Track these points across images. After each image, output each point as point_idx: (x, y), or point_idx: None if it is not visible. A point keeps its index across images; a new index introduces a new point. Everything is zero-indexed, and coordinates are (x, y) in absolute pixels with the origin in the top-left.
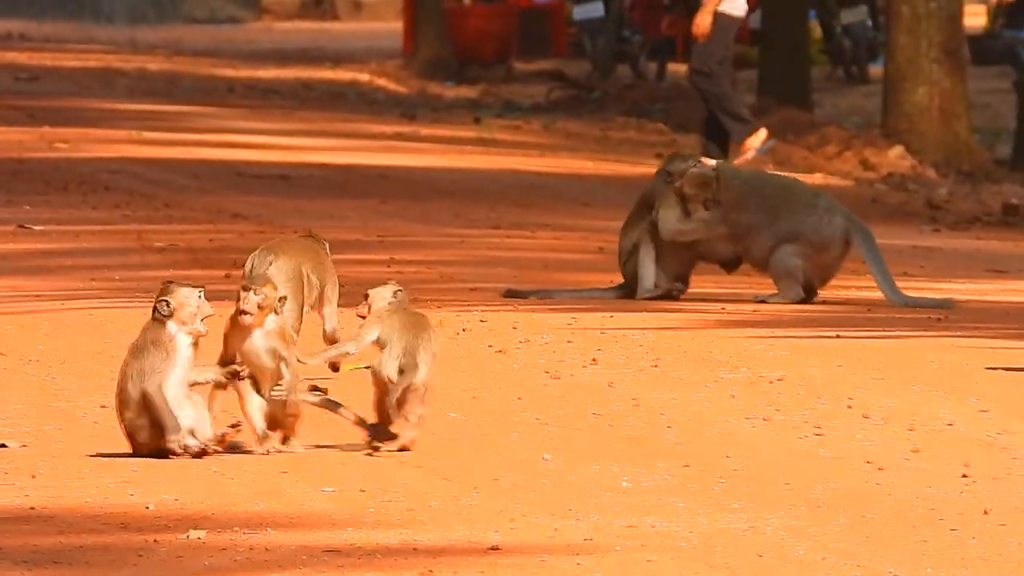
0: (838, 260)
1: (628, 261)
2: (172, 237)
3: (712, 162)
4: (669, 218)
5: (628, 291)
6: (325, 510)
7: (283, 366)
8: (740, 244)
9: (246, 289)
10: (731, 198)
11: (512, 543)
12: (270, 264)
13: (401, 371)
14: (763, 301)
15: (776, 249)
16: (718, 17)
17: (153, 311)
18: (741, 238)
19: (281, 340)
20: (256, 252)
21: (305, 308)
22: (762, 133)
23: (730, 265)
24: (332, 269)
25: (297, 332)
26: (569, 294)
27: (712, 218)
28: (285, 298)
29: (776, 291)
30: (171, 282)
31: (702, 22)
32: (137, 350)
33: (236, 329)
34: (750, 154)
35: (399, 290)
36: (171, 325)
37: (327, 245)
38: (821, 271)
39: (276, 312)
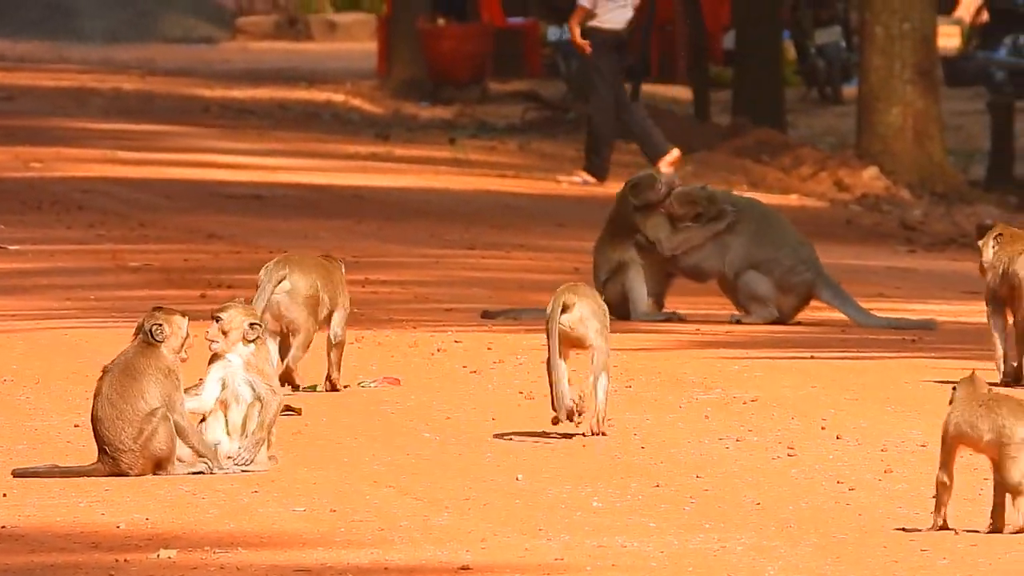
0: (796, 308)
1: (609, 283)
2: (147, 257)
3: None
4: (664, 236)
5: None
6: (296, 530)
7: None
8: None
9: (214, 318)
10: (716, 213)
11: (483, 562)
12: (282, 279)
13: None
14: (738, 321)
15: (744, 272)
16: (593, 32)
17: (148, 334)
18: (721, 255)
19: (254, 370)
20: (270, 263)
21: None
22: (595, 180)
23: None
24: (344, 290)
25: (308, 345)
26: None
27: (706, 229)
28: (257, 325)
29: (749, 313)
30: (161, 308)
31: (576, 39)
32: (135, 375)
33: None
34: (577, 179)
35: (256, 323)
36: (164, 351)
37: (343, 266)
38: (781, 308)
39: (246, 339)
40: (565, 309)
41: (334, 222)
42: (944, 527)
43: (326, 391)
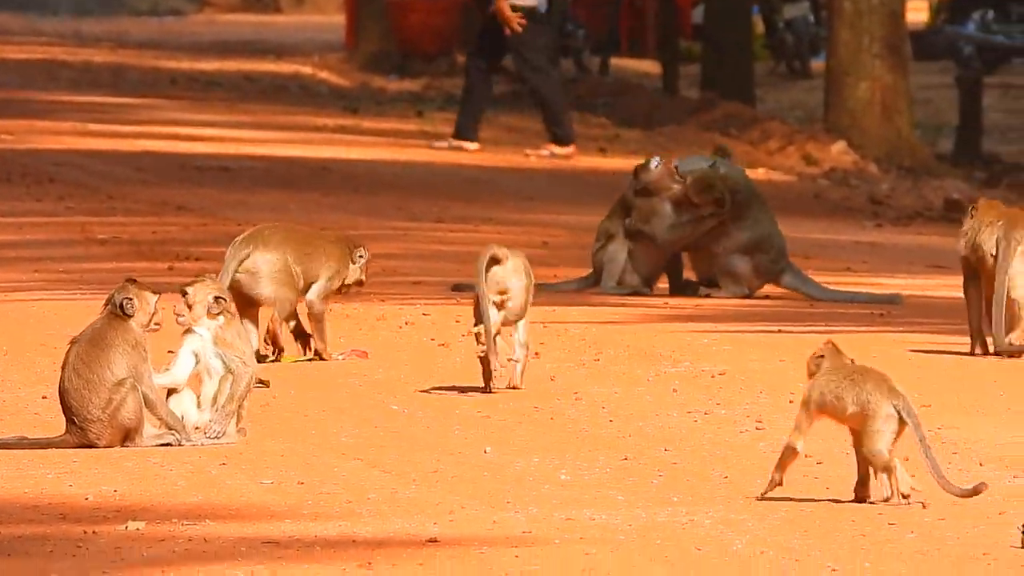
0: (760, 288)
1: (599, 250)
2: (115, 229)
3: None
4: (659, 229)
5: (594, 280)
6: (264, 502)
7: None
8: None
9: (182, 293)
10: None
11: (451, 535)
12: (245, 257)
13: None
14: (708, 296)
15: (730, 251)
16: (519, 8)
17: (119, 307)
18: (716, 237)
19: (223, 344)
20: (238, 239)
21: None
22: (570, 150)
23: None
24: (327, 260)
25: (289, 318)
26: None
27: (704, 220)
28: (221, 298)
29: (720, 287)
30: (133, 281)
31: (504, 16)
32: (103, 346)
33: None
34: (546, 153)
35: (220, 296)
36: (133, 324)
37: (358, 248)
38: (750, 288)
39: (211, 313)
40: (496, 261)
41: (302, 194)
42: (779, 484)
43: (313, 361)
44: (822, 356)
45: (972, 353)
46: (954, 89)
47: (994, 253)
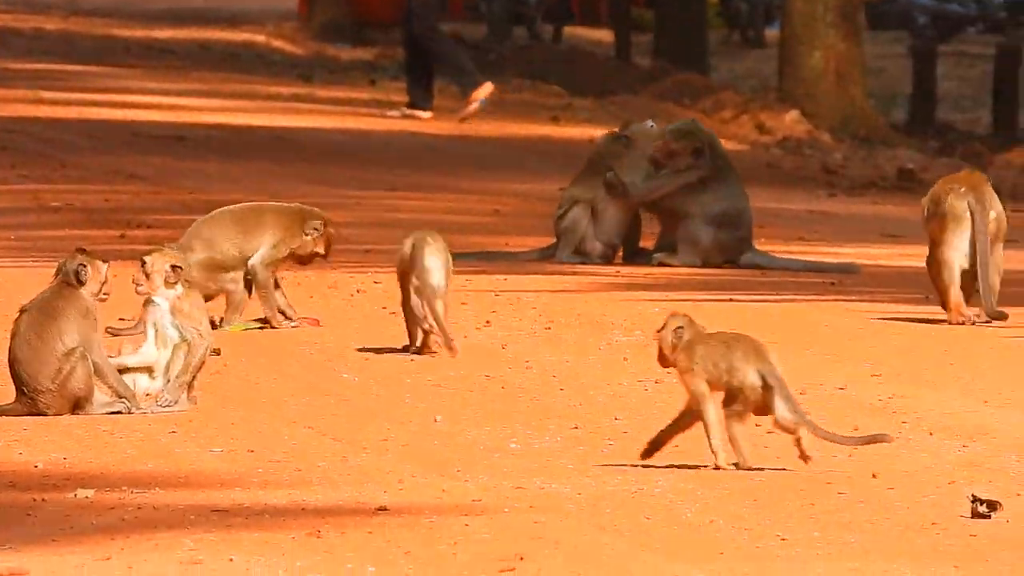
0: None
1: (562, 217)
2: (68, 197)
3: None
4: (637, 180)
5: (553, 251)
6: (214, 470)
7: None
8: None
9: (141, 262)
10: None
11: (400, 503)
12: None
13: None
14: (661, 263)
15: (700, 217)
16: None
17: (73, 275)
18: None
19: (181, 315)
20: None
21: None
22: (488, 87)
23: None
24: (271, 229)
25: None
26: (486, 256)
27: (680, 173)
28: (178, 267)
29: (675, 253)
30: (83, 250)
31: None
32: (54, 315)
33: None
34: (474, 106)
35: (177, 266)
36: (84, 292)
37: (315, 222)
38: (706, 261)
39: (168, 282)
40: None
41: (255, 163)
42: (650, 455)
43: (264, 329)
44: (681, 327)
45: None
46: (908, 58)
47: (959, 214)
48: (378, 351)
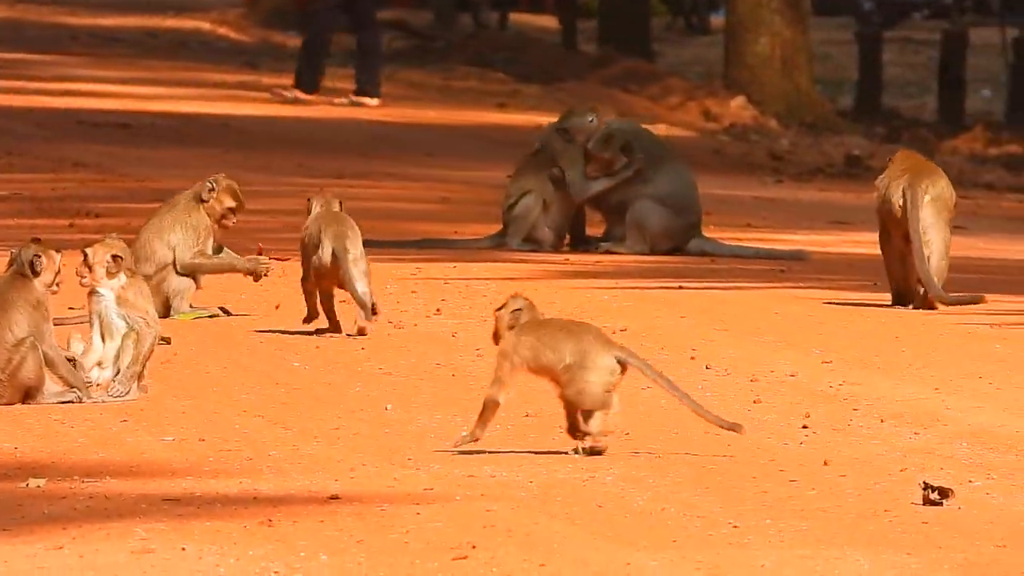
0: (663, 251)
1: (511, 207)
2: (15, 186)
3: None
4: (577, 178)
5: (502, 238)
6: (165, 459)
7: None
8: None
9: (83, 254)
10: (636, 148)
11: (352, 492)
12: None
13: None
14: (608, 251)
15: (648, 197)
16: None
17: (28, 266)
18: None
19: (127, 305)
20: None
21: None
22: (310, 97)
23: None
24: (172, 223)
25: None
26: (437, 243)
27: (619, 173)
28: (119, 257)
29: (623, 240)
30: (38, 240)
31: None
32: (4, 306)
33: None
34: (288, 94)
35: (118, 255)
36: (36, 283)
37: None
38: (654, 248)
39: (110, 272)
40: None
41: (202, 151)
42: (478, 439)
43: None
44: (519, 309)
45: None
46: (854, 44)
47: (901, 204)
48: (318, 334)
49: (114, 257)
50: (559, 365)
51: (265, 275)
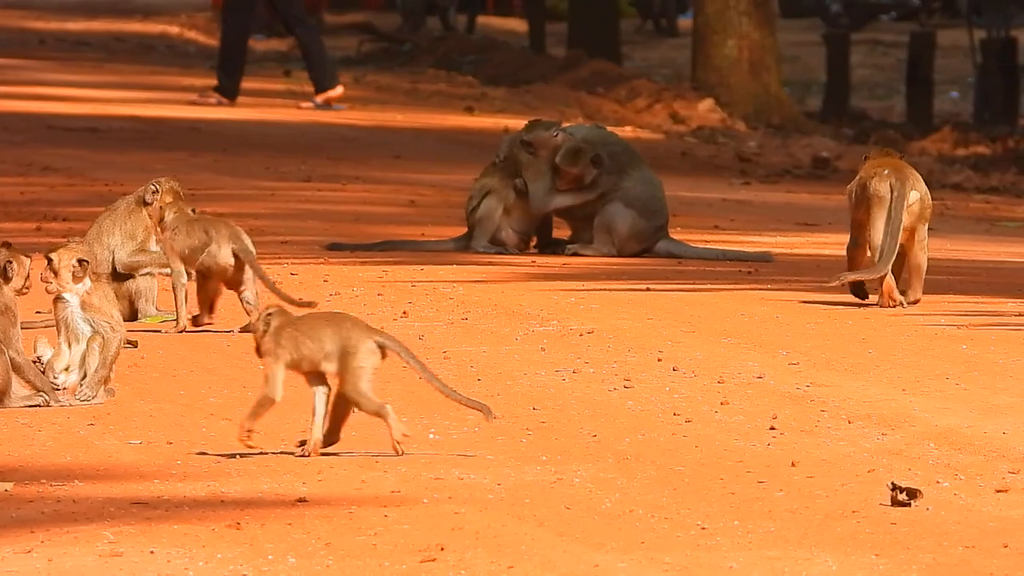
0: (631, 252)
1: (474, 209)
2: None
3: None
4: (539, 191)
5: (468, 241)
6: (133, 462)
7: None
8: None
9: (47, 259)
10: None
11: (319, 495)
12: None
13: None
14: (576, 253)
15: (616, 200)
16: None
17: (0, 272)
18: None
19: (92, 309)
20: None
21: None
22: (228, 103)
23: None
24: (113, 228)
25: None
26: (405, 246)
27: (583, 191)
28: (84, 261)
29: (590, 242)
30: (8, 244)
31: None
32: None
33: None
34: (212, 100)
35: (84, 260)
36: (7, 289)
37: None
38: (621, 251)
39: (76, 276)
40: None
41: (170, 154)
42: (252, 432)
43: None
44: (271, 314)
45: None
46: (822, 46)
47: (881, 197)
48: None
49: (80, 261)
50: (320, 353)
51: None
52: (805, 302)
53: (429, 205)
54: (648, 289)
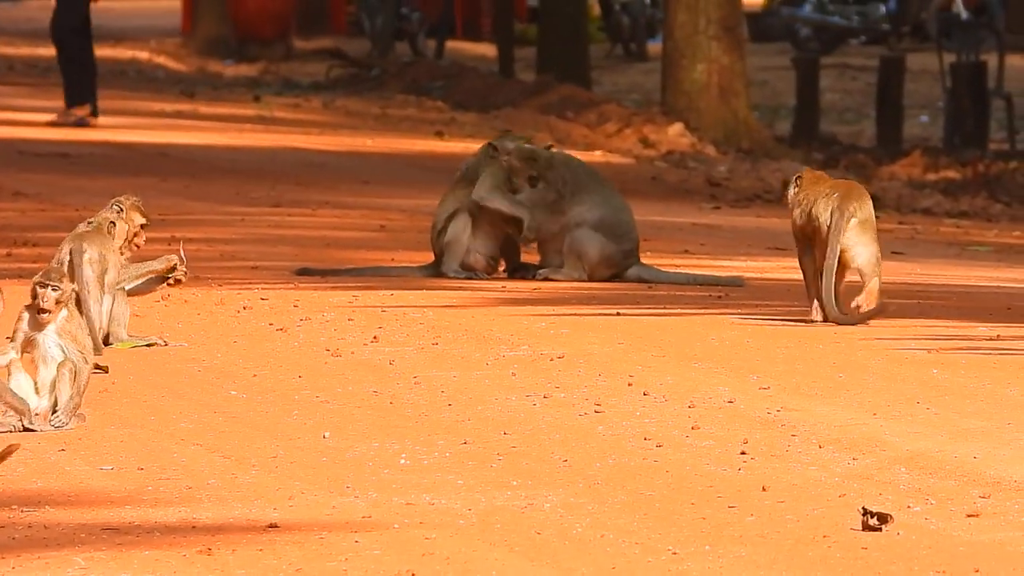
0: (602, 278)
1: (440, 234)
2: None
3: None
4: (487, 184)
5: (438, 267)
6: (103, 488)
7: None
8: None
9: (43, 286)
10: (554, 177)
11: (291, 520)
12: (84, 253)
13: None
14: (546, 278)
15: (582, 224)
16: None
17: None
18: (552, 216)
19: (68, 337)
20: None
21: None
22: (84, 112)
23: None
24: (89, 255)
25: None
26: (375, 272)
27: (532, 195)
28: (76, 290)
29: (560, 267)
30: None
31: None
32: None
33: (32, 320)
34: (71, 119)
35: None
36: None
37: (114, 206)
38: (592, 276)
39: (58, 302)
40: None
41: (139, 179)
42: None
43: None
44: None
45: (813, 320)
46: (791, 71)
47: (828, 223)
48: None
49: (73, 290)
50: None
51: (180, 275)
52: (776, 326)
53: (399, 230)
54: (618, 314)
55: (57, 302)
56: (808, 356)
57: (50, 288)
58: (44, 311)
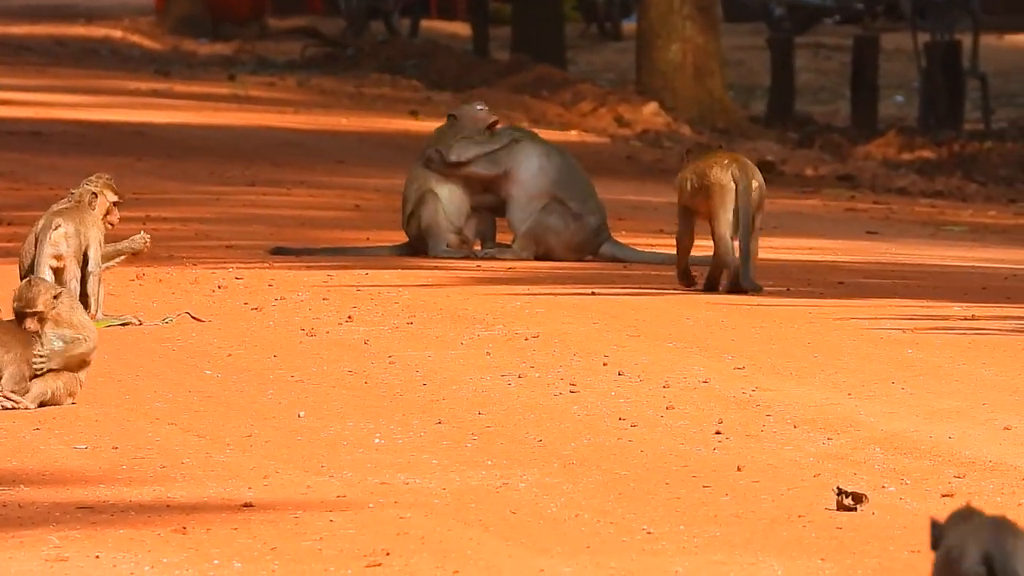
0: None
1: (412, 217)
2: None
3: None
4: (460, 145)
5: (412, 248)
6: (78, 467)
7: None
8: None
9: (21, 316)
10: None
11: (265, 499)
12: (58, 227)
13: None
14: (491, 257)
15: (544, 202)
16: None
17: None
18: (510, 186)
19: (65, 325)
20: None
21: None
22: None
23: (499, 213)
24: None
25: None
26: (350, 251)
27: (493, 156)
28: (60, 293)
29: (511, 245)
30: None
31: None
32: None
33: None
34: None
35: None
36: None
37: (90, 187)
38: (565, 247)
39: (47, 304)
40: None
41: (114, 159)
42: None
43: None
44: None
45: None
46: (766, 50)
47: (724, 186)
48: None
49: (56, 296)
50: None
51: (144, 250)
52: (751, 306)
53: (374, 209)
54: (593, 293)
55: (41, 320)
56: (783, 336)
57: (29, 315)
58: (32, 327)
